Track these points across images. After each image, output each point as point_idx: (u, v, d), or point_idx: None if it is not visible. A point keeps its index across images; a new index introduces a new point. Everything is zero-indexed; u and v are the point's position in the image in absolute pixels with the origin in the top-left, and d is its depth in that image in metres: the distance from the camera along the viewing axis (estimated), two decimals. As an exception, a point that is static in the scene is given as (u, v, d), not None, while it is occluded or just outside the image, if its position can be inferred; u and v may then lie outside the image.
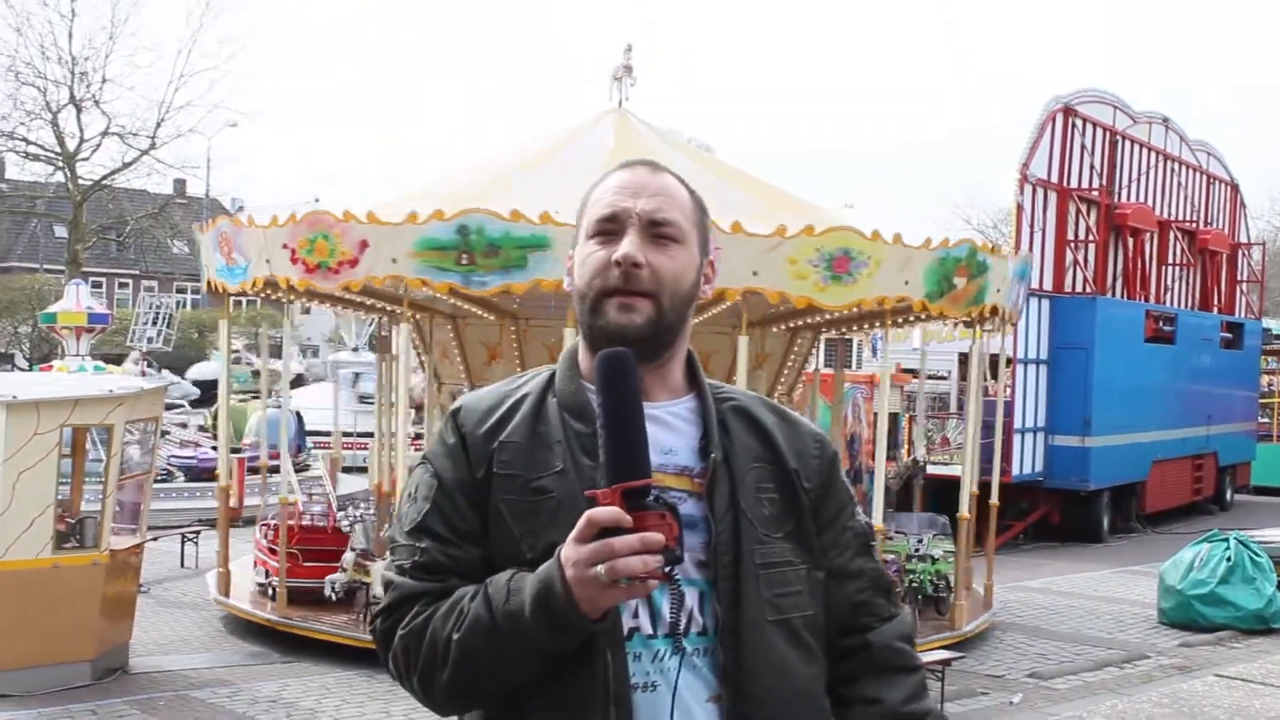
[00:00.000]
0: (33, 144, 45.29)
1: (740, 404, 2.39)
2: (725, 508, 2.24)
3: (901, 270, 10.80)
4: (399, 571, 2.28)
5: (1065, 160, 20.81)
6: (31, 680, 9.74)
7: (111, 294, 57.70)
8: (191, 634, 12.22)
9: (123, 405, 10.26)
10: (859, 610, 2.39)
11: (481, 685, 2.19)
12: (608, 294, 2.24)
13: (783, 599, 2.26)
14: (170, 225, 51.10)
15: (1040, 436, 20.19)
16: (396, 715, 9.57)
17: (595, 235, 2.29)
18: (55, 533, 9.85)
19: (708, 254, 2.38)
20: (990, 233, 53.92)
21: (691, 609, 2.22)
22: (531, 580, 2.11)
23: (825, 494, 2.38)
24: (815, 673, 2.31)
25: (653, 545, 1.98)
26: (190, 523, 16.73)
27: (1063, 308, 20.39)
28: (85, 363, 23.37)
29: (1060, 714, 10.13)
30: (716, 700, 2.20)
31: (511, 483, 2.25)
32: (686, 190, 2.36)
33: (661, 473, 2.20)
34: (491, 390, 2.42)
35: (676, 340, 2.32)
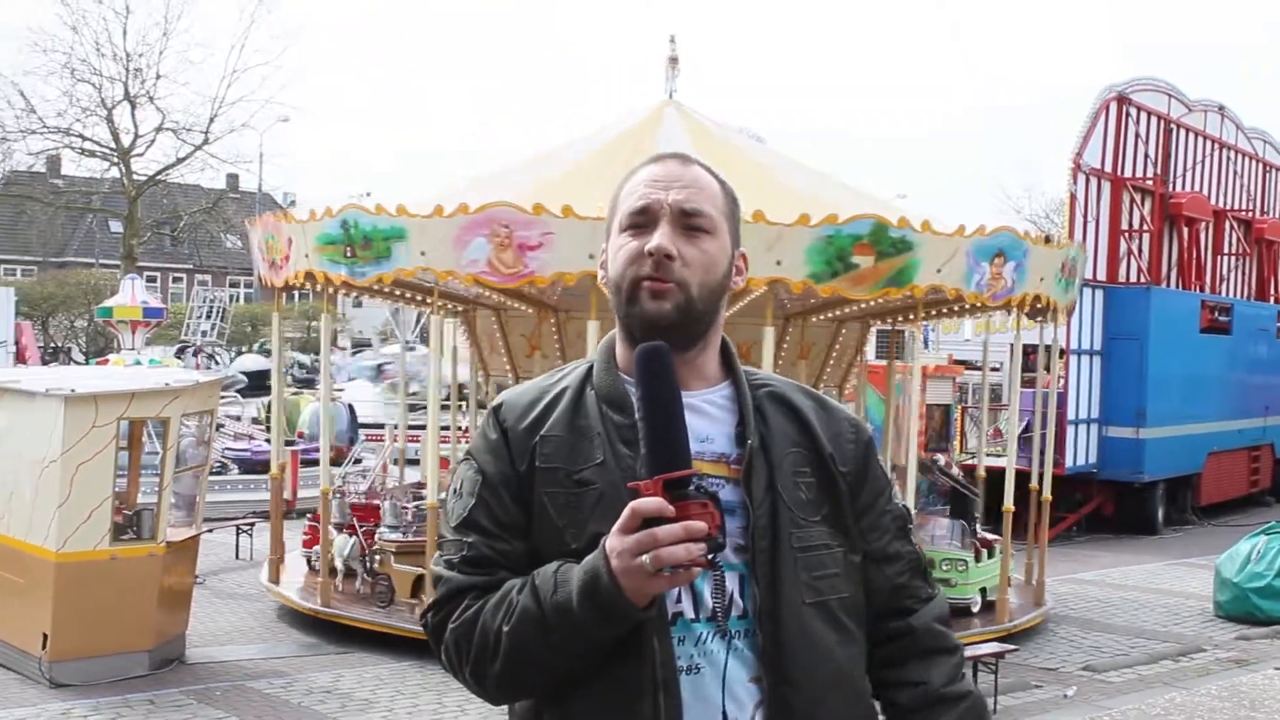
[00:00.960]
0: (88, 140, 45.78)
1: (776, 390, 2.42)
2: (763, 493, 2.28)
3: (771, 249, 10.25)
4: (447, 566, 2.33)
5: (1119, 149, 20.61)
6: (91, 670, 9.86)
7: (166, 288, 58.31)
8: (246, 625, 12.33)
9: (178, 398, 10.35)
10: (899, 593, 2.43)
11: (533, 675, 2.24)
12: (640, 283, 2.28)
13: (820, 581, 2.30)
14: (223, 220, 51.56)
15: (1094, 428, 20.03)
16: (450, 706, 9.62)
17: (628, 228, 2.33)
18: (113, 525, 9.96)
19: (739, 245, 2.41)
20: (1043, 223, 53.54)
21: (731, 592, 2.26)
22: (578, 571, 2.15)
23: (862, 478, 2.41)
24: (853, 654, 2.34)
25: (696, 533, 2.02)
26: (244, 515, 16.86)
27: (1117, 298, 20.20)
28: (141, 356, 23.63)
29: (1115, 707, 10.06)
30: (757, 681, 2.25)
31: (553, 476, 2.29)
32: (717, 182, 2.39)
33: (699, 460, 2.23)
34: (531, 385, 2.46)
35: (710, 329, 2.36)
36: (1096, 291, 19.77)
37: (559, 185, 11.05)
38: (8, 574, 10.15)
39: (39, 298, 45.72)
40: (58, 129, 45.41)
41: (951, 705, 2.39)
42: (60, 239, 57.72)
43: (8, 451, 10.25)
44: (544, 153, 13.47)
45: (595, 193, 10.39)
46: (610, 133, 13.11)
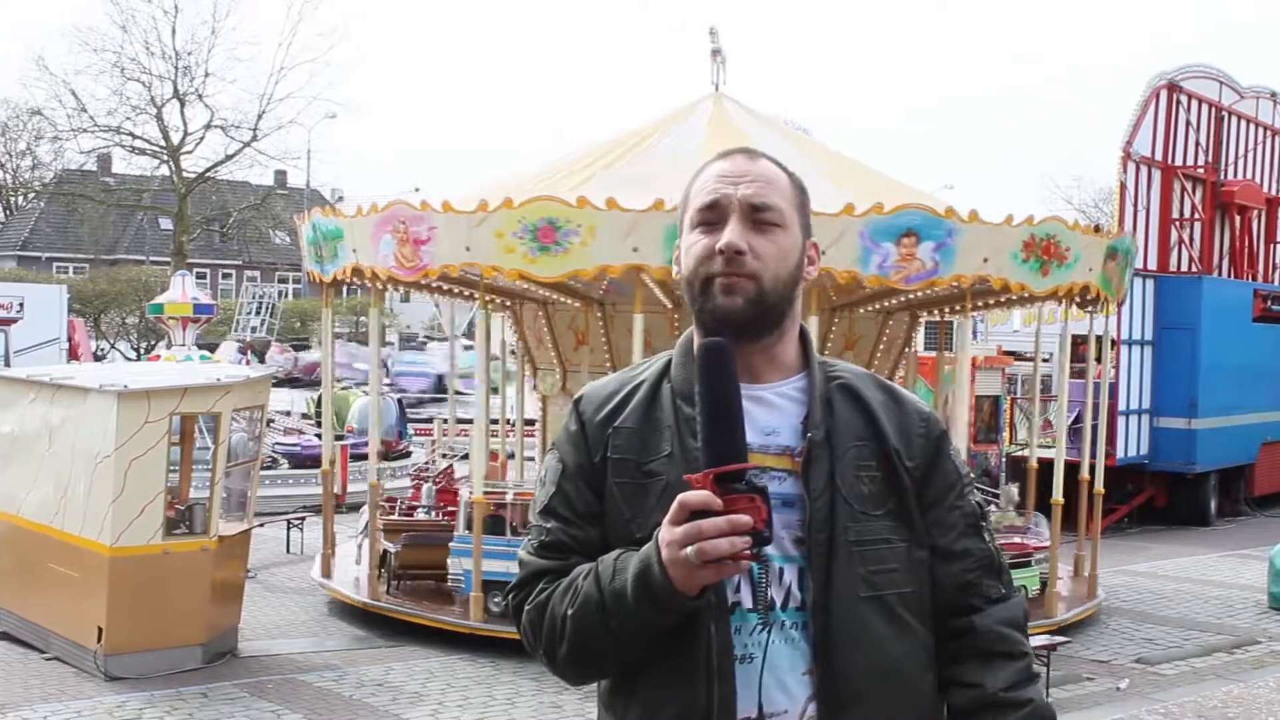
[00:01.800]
0: (138, 138, 46.20)
1: (847, 381, 2.43)
2: (822, 486, 2.30)
3: (628, 236, 10.34)
4: (528, 550, 2.44)
5: (1170, 137, 20.43)
6: (145, 663, 9.95)
7: (215, 284, 58.71)
8: (298, 618, 12.41)
9: (230, 393, 10.43)
10: (965, 591, 2.41)
11: (596, 658, 2.33)
12: (712, 279, 2.30)
13: (877, 575, 2.31)
14: (272, 216, 51.94)
15: (1145, 419, 19.86)
16: (499, 699, 9.65)
17: (699, 225, 2.35)
18: (165, 519, 10.04)
19: (810, 236, 2.43)
20: (1092, 212, 53.13)
21: (789, 584, 2.30)
22: (634, 560, 2.22)
23: (930, 473, 2.41)
24: (910, 649, 2.34)
25: (740, 527, 2.05)
26: (295, 509, 16.97)
27: (1168, 288, 20.03)
28: (191, 352, 23.81)
29: (1170, 700, 9.98)
30: (810, 674, 2.27)
31: (624, 466, 2.36)
32: (786, 174, 2.41)
33: (763, 453, 2.28)
34: (613, 377, 2.53)
35: (784, 321, 2.37)
36: (1147, 281, 19.61)
37: (606, 178, 11.04)
38: (63, 568, 10.26)
39: (91, 295, 46.10)
40: (108, 127, 45.87)
41: (1007, 711, 2.35)
42: (111, 236, 58.25)
43: (63, 447, 10.36)
44: (592, 147, 13.45)
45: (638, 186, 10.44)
46: (650, 125, 13.14)
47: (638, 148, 12.38)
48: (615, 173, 11.58)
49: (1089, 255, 11.52)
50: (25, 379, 11.33)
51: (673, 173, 10.62)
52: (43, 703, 9.36)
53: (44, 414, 10.64)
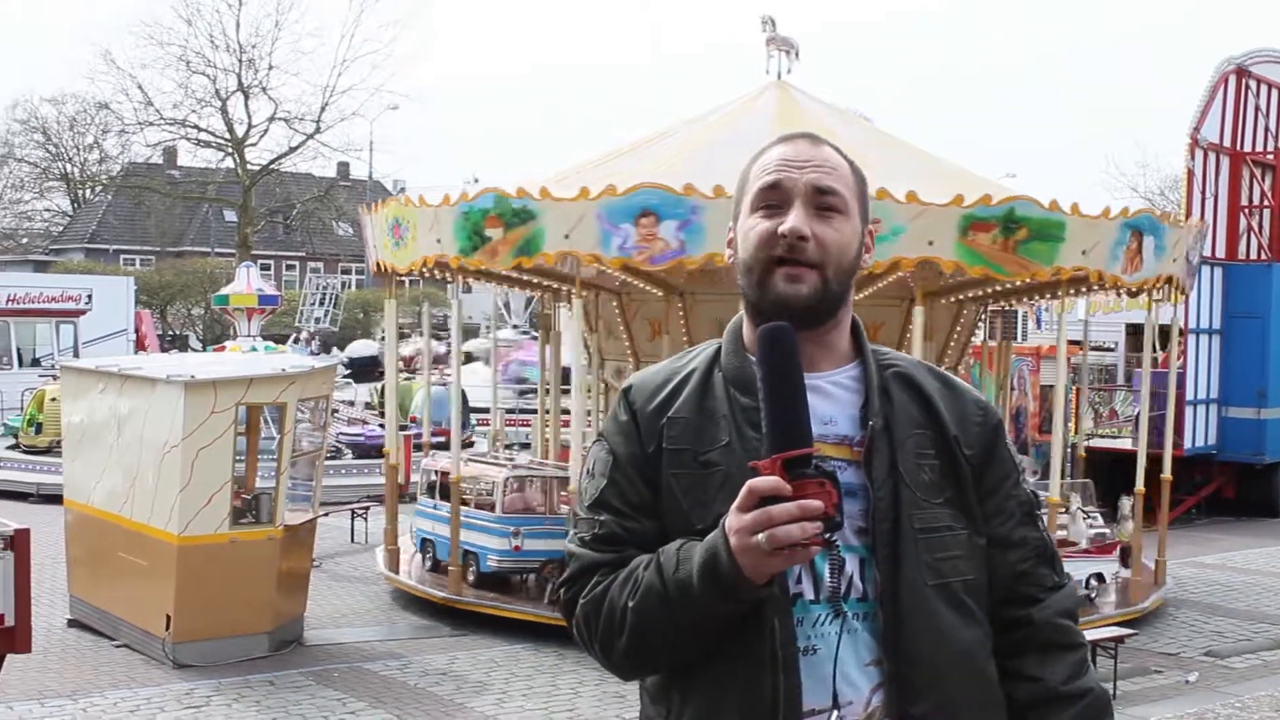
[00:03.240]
0: (203, 131, 46.77)
1: (903, 370, 2.40)
2: (884, 475, 2.27)
3: (432, 229, 10.63)
4: (580, 544, 2.38)
5: (1238, 123, 20.12)
6: (212, 651, 10.06)
7: (279, 276, 59.21)
8: (362, 607, 12.50)
9: (295, 384, 10.51)
10: (1021, 580, 2.39)
11: (657, 651, 2.27)
12: (774, 266, 2.27)
13: (942, 563, 2.28)
14: (335, 208, 52.34)
15: (1213, 408, 19.61)
16: (563, 689, 9.68)
17: (760, 208, 2.31)
18: (232, 509, 10.14)
19: (868, 223, 2.39)
20: (1158, 200, 52.49)
21: (852, 575, 2.26)
22: (699, 549, 2.17)
23: (987, 461, 2.39)
24: (977, 636, 2.32)
25: (811, 512, 2.02)
26: (359, 499, 17.09)
27: (1237, 276, 19.75)
28: (256, 343, 24.04)
29: (1241, 694, 9.85)
30: (876, 664, 2.24)
31: (680, 457, 2.32)
32: (846, 161, 2.37)
33: (821, 442, 2.23)
34: (661, 367, 2.48)
35: (840, 309, 2.35)
36: (1216, 269, 19.35)
37: (686, 165, 10.95)
38: (132, 556, 10.39)
39: (157, 286, 46.70)
40: (174, 120, 46.48)
41: (1067, 704, 2.35)
42: (177, 229, 58.87)
43: (131, 437, 10.47)
44: (659, 135, 13.42)
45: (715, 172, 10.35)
46: (717, 114, 13.10)
47: (703, 137, 12.34)
48: (695, 160, 11.44)
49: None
50: (94, 370, 11.46)
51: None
52: (113, 689, 9.48)
53: (112, 404, 10.77)
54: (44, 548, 11.63)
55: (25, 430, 21.82)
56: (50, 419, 20.09)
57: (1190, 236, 11.88)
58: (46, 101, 55.84)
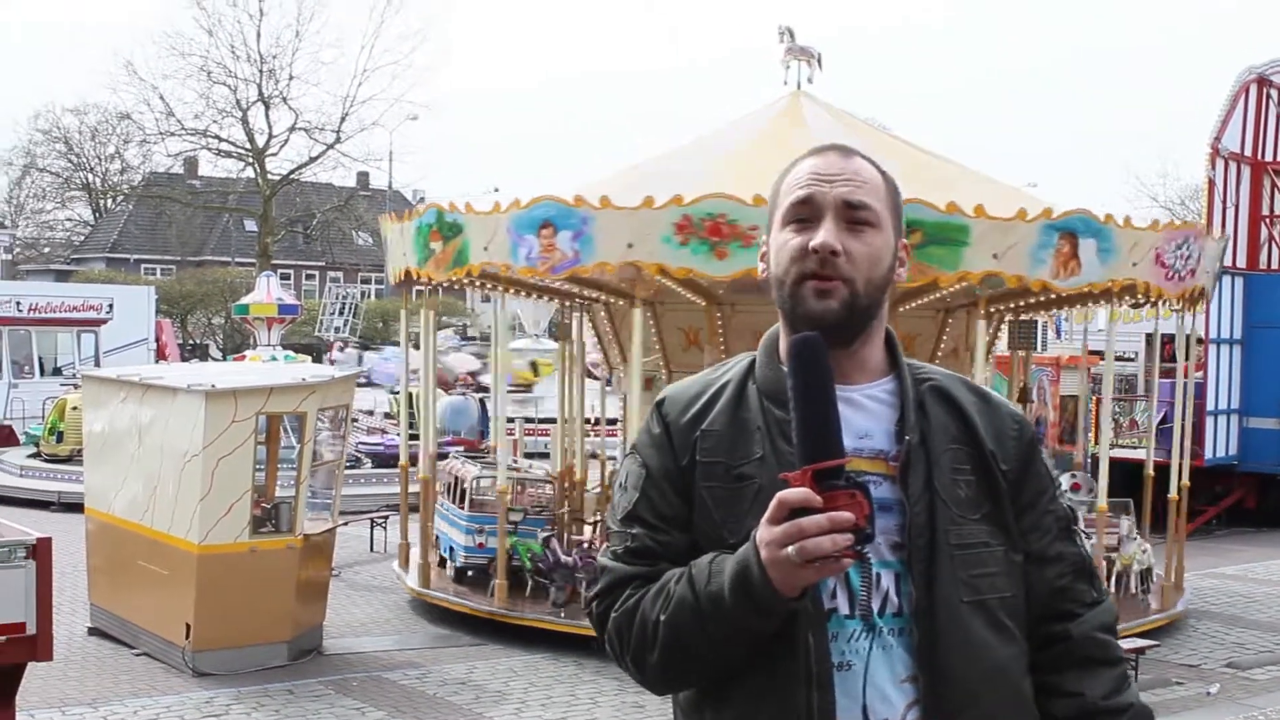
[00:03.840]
0: (224, 141, 46.96)
1: (939, 384, 2.38)
2: (920, 490, 2.25)
3: (398, 243, 11.02)
4: (612, 557, 2.37)
5: (1260, 133, 20.07)
6: (232, 660, 10.08)
7: (299, 285, 59.37)
8: (381, 616, 12.51)
9: (315, 393, 10.53)
10: (1059, 596, 2.38)
11: (689, 665, 2.26)
12: (805, 281, 2.25)
13: (979, 580, 2.26)
14: (355, 217, 52.50)
15: (1234, 419, 19.54)
16: (582, 699, 9.67)
17: (791, 222, 2.30)
18: (252, 518, 10.17)
19: (902, 236, 2.38)
20: (1179, 210, 52.30)
21: (887, 590, 2.24)
22: (731, 562, 2.16)
23: (1024, 476, 2.36)
24: (1013, 654, 2.30)
25: (842, 524, 2.00)
26: (378, 508, 17.11)
27: (1258, 285, 19.69)
28: (276, 352, 24.11)
29: (1261, 706, 9.81)
30: (911, 680, 2.22)
31: (713, 470, 2.30)
32: (879, 173, 2.35)
33: (857, 457, 2.22)
34: (695, 379, 2.46)
35: (873, 323, 2.33)
36: (1236, 279, 19.29)
37: (721, 175, 10.89)
38: (152, 565, 10.42)
39: (178, 296, 46.90)
40: (195, 130, 46.70)
41: (1109, 719, 2.34)
42: (198, 238, 59.17)
43: (151, 446, 10.51)
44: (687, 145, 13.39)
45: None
46: (746, 124, 13.09)
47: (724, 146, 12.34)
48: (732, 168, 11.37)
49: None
50: (115, 379, 11.51)
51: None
52: (132, 698, 9.51)
53: (133, 413, 10.80)
54: (65, 556, 11.66)
55: (47, 439, 21.91)
56: (71, 428, 20.17)
57: (1164, 239, 11.18)
58: (68, 112, 56.32)
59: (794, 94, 13.04)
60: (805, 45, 12.95)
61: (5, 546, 7.42)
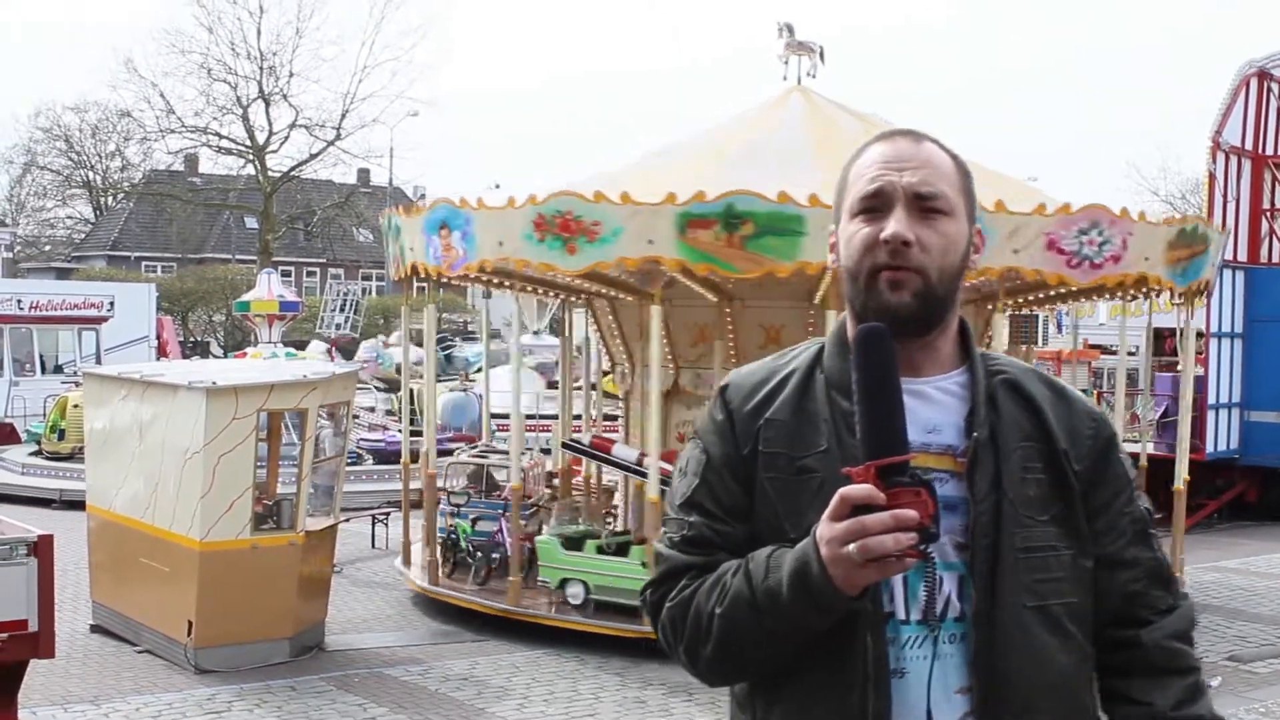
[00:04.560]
0: (225, 138, 46.98)
1: (1012, 377, 2.30)
2: (987, 489, 2.18)
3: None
4: (669, 545, 2.31)
5: (1260, 126, 20.05)
6: (234, 656, 10.08)
7: (300, 282, 59.38)
8: (383, 612, 12.52)
9: (315, 390, 10.53)
10: (1132, 601, 2.29)
11: (743, 660, 2.20)
12: (877, 273, 2.18)
13: (1043, 585, 2.19)
14: (355, 214, 52.49)
15: (1235, 412, 19.54)
16: (584, 694, 9.68)
17: (860, 213, 2.22)
18: (254, 514, 10.17)
19: (975, 222, 2.30)
20: (1179, 204, 52.30)
21: (949, 593, 2.18)
22: (790, 557, 2.10)
23: (1098, 477, 2.28)
24: (1075, 662, 2.23)
25: (906, 523, 1.94)
26: (380, 504, 17.12)
27: (1259, 279, 19.67)
28: (277, 349, 24.11)
29: (1262, 699, 9.82)
30: (965, 692, 2.16)
31: (775, 461, 2.24)
32: (950, 157, 2.28)
33: (925, 452, 2.16)
34: (760, 365, 2.39)
35: (947, 314, 2.25)
36: (1237, 273, 19.28)
37: (729, 172, 10.86)
38: (154, 562, 10.42)
39: (179, 293, 46.89)
40: (195, 128, 46.73)
41: None
42: (198, 236, 59.16)
43: (153, 443, 10.51)
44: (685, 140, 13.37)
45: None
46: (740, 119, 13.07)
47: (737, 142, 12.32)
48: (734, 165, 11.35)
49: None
50: (116, 376, 11.52)
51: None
52: (135, 694, 9.52)
53: (134, 411, 10.81)
54: (67, 553, 11.68)
55: (48, 436, 21.93)
56: (73, 425, 20.20)
57: (1057, 223, 10.56)
58: (69, 109, 56.35)
59: (795, 88, 13.03)
60: (805, 40, 12.93)
61: (7, 544, 7.43)
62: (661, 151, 13.08)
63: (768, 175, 10.29)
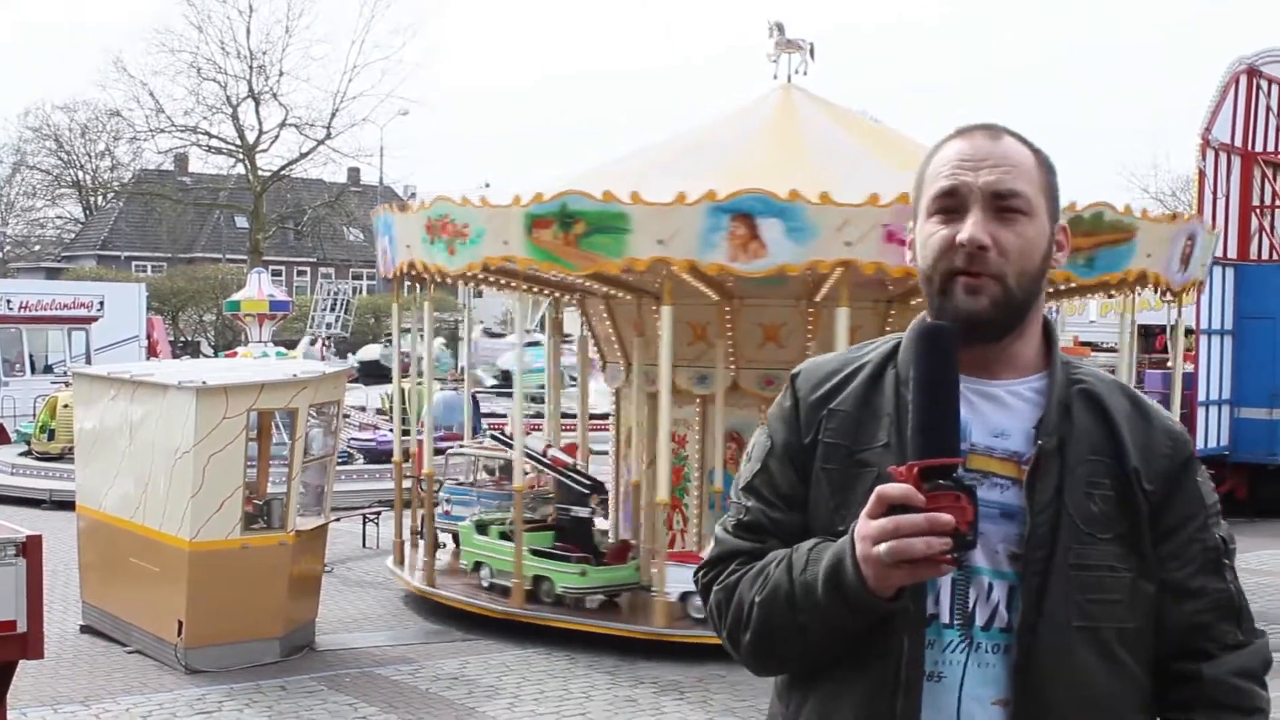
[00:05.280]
0: (215, 137, 46.94)
1: (1091, 388, 2.21)
2: (1047, 500, 2.11)
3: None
4: (725, 528, 2.30)
5: (1250, 123, 20.09)
6: (224, 656, 10.06)
7: (290, 282, 59.28)
8: (374, 612, 12.50)
9: (306, 389, 10.52)
10: (1196, 633, 2.19)
11: (780, 651, 2.18)
12: (954, 275, 2.12)
13: (1095, 605, 2.11)
14: (346, 213, 52.44)
15: (1225, 409, 19.57)
16: (575, 693, 9.67)
17: (936, 213, 2.16)
18: (244, 514, 10.15)
19: (1058, 219, 2.22)
20: (1170, 200, 52.38)
21: (997, 603, 2.12)
22: (829, 551, 2.07)
23: (1169, 499, 2.18)
24: (1122, 689, 2.14)
25: (940, 527, 1.90)
26: (370, 504, 17.09)
27: (1248, 276, 19.72)
28: (268, 348, 24.10)
29: (1252, 695, 9.82)
30: (1002, 704, 2.10)
31: (835, 452, 2.21)
32: (1031, 152, 2.19)
33: (989, 456, 2.13)
34: (835, 355, 2.36)
35: (1026, 318, 2.18)
36: (1227, 270, 19.32)
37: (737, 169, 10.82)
38: (144, 562, 10.40)
39: (169, 293, 46.82)
40: (185, 127, 46.66)
41: None
42: (188, 235, 59.00)
43: (143, 443, 10.49)
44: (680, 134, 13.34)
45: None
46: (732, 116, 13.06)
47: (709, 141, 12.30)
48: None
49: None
50: (106, 376, 11.49)
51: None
52: (125, 695, 9.50)
53: (124, 410, 10.79)
54: (56, 554, 11.67)
55: (38, 437, 21.87)
56: (63, 425, 20.13)
57: (896, 214, 9.96)
58: (58, 109, 56.19)
59: (783, 87, 13.01)
60: (794, 38, 12.90)
61: (-5, 544, 7.40)
62: (638, 150, 13.09)
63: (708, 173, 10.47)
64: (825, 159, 11.55)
